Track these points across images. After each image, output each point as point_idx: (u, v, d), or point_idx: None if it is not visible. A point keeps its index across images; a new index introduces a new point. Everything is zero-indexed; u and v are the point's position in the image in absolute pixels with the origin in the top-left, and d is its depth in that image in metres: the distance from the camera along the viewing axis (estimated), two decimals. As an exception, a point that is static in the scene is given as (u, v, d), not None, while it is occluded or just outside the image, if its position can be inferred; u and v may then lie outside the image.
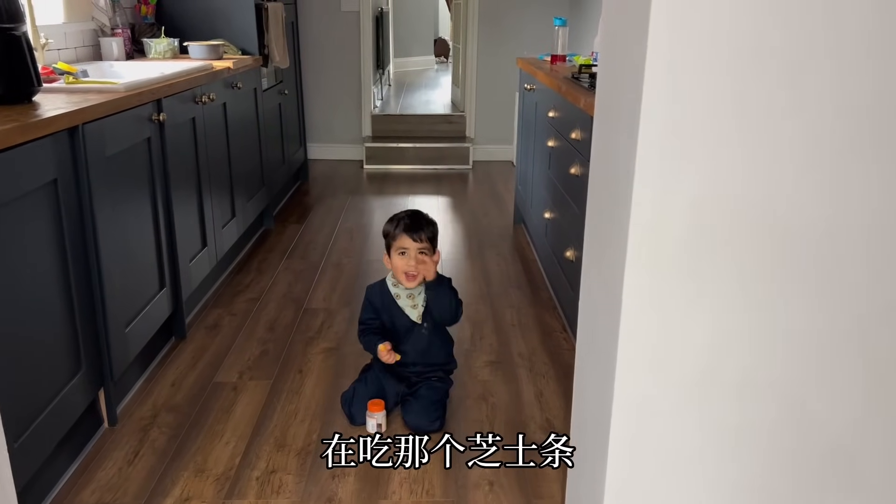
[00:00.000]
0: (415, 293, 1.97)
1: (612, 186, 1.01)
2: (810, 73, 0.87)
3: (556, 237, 2.58)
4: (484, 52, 5.07)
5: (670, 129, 0.88)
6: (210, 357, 2.34)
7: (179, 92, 2.36)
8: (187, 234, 2.45)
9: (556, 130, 2.54)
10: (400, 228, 1.92)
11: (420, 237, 1.89)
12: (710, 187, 0.91)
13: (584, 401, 1.22)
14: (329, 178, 4.75)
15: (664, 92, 0.86)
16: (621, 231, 0.95)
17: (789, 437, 1.03)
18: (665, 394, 1.01)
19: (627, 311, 0.96)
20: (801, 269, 0.95)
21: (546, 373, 2.24)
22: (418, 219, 1.94)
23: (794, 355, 0.99)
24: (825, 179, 0.91)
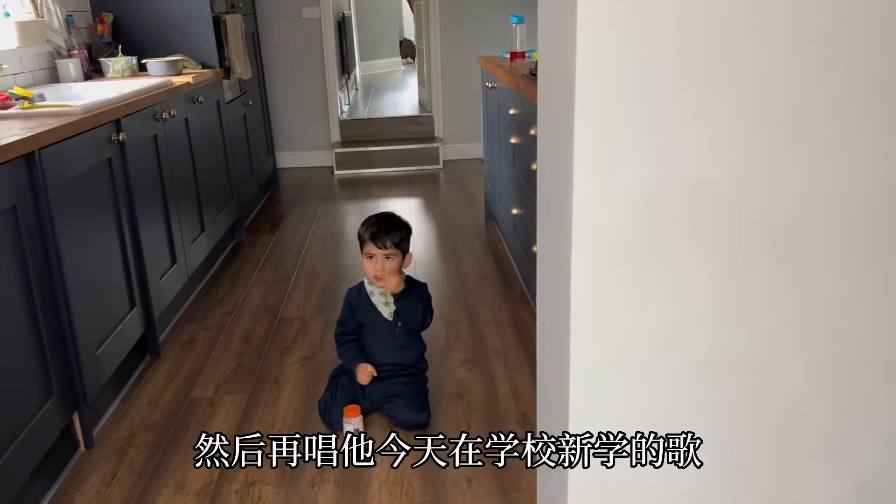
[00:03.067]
0: (387, 292, 1.99)
1: (555, 181, 1.03)
2: (741, 55, 0.89)
3: (524, 232, 2.61)
4: (447, 51, 5.09)
5: (604, 121, 0.91)
6: (185, 373, 2.33)
7: (139, 110, 2.35)
8: (155, 251, 2.44)
9: (518, 127, 2.56)
10: (367, 235, 1.95)
11: (385, 244, 1.93)
12: (646, 176, 0.93)
13: (545, 392, 1.25)
14: (300, 186, 4.74)
15: (596, 86, 0.89)
16: (565, 223, 0.97)
17: (748, 415, 1.06)
18: (620, 380, 1.03)
19: (577, 301, 0.98)
20: (743, 249, 0.98)
21: (520, 367, 2.27)
22: (385, 225, 1.97)
23: (746, 335, 1.02)
24: (764, 159, 0.93)
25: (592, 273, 0.97)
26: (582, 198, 0.93)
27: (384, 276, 1.93)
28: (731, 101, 0.91)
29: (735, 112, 0.92)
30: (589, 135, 0.91)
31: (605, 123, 0.90)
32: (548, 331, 1.19)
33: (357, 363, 1.98)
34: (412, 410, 1.92)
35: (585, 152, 0.91)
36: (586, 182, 0.93)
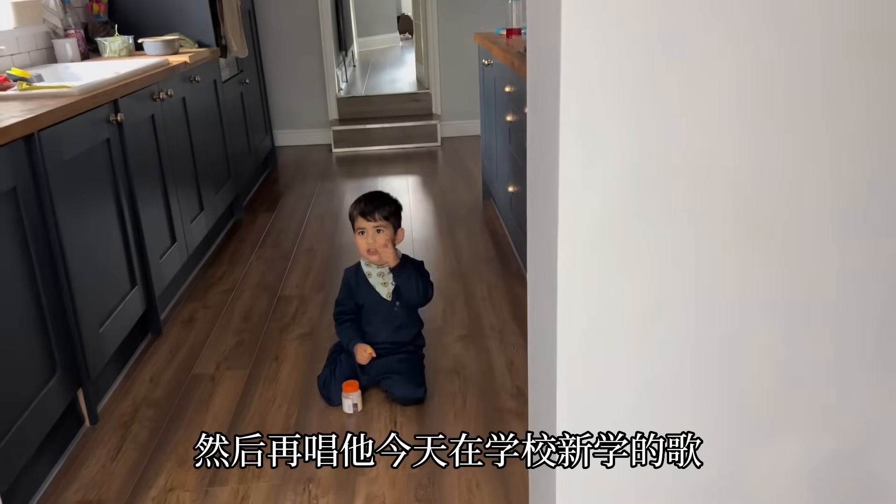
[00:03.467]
0: (385, 272, 2.02)
1: (542, 159, 1.05)
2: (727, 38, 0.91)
3: (520, 210, 2.63)
4: (445, 26, 5.07)
5: (588, 102, 0.93)
6: (187, 351, 2.37)
7: (136, 91, 2.37)
8: (155, 231, 2.47)
9: (513, 105, 2.58)
10: (357, 210, 1.99)
11: (374, 216, 1.97)
12: (630, 155, 0.96)
13: (536, 367, 1.28)
14: (298, 165, 4.76)
15: (580, 67, 0.91)
16: (551, 201, 1.00)
17: (738, 386, 1.10)
18: (609, 357, 1.06)
19: (563, 274, 1.01)
20: (729, 234, 1.00)
21: (516, 343, 2.31)
22: (373, 199, 2.02)
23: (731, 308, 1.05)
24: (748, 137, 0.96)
25: (578, 249, 1.00)
26: (568, 176, 0.96)
27: (376, 248, 1.96)
28: (716, 82, 0.93)
29: (720, 91, 0.94)
30: (574, 115, 0.93)
31: (589, 104, 0.93)
32: (537, 304, 1.23)
33: (355, 343, 2.01)
34: (409, 386, 1.96)
35: (570, 132, 0.94)
36: (571, 161, 0.95)
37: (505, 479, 1.69)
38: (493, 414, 1.94)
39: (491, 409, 1.96)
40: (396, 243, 2.03)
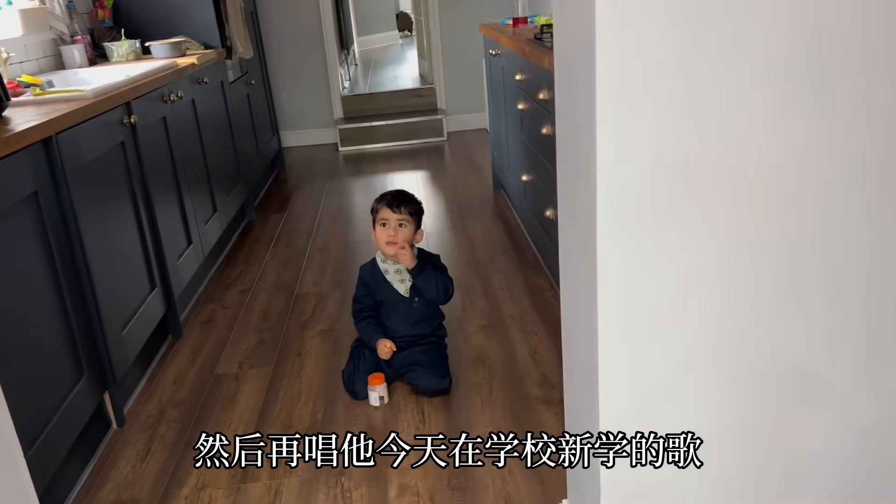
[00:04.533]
0: (402, 268, 2.01)
1: (576, 143, 1.05)
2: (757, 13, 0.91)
3: (534, 198, 2.63)
4: (446, 21, 5.06)
5: (626, 83, 0.92)
6: (208, 351, 2.37)
7: (147, 93, 2.37)
8: (172, 232, 2.47)
9: (525, 93, 2.57)
10: (383, 202, 2.00)
11: (400, 209, 1.97)
12: (667, 136, 0.95)
13: (571, 351, 1.27)
14: (306, 165, 4.75)
15: (616, 49, 0.90)
16: (589, 185, 0.99)
17: (764, 364, 1.09)
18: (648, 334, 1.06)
19: (603, 260, 1.00)
20: (762, 208, 0.99)
21: (538, 331, 2.30)
22: (400, 194, 2.02)
23: (763, 289, 1.04)
24: (780, 112, 0.95)
25: (618, 234, 0.99)
26: (605, 161, 0.95)
27: (396, 241, 1.95)
28: (749, 57, 0.92)
29: (752, 67, 0.93)
30: (609, 98, 0.92)
31: (626, 85, 0.92)
32: (572, 292, 1.22)
33: (377, 339, 2.01)
34: (433, 377, 1.96)
35: (606, 102, 0.93)
36: (608, 140, 0.94)
37: (537, 465, 1.68)
38: (520, 402, 1.94)
39: (518, 396, 1.96)
40: (415, 243, 2.02)
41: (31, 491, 1.24)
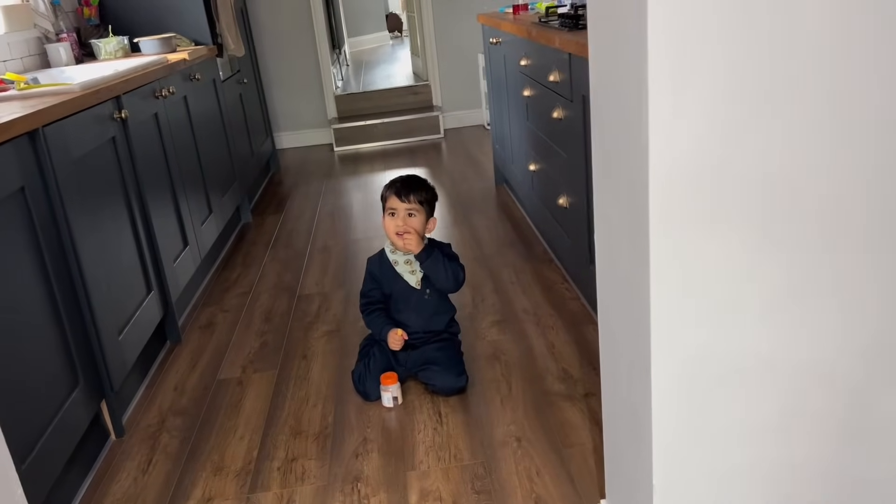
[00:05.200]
0: (412, 258, 1.91)
1: (620, 128, 0.95)
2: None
3: (544, 188, 2.53)
4: (440, 16, 4.97)
5: (679, 35, 0.82)
6: (209, 356, 2.27)
7: (138, 87, 2.26)
8: (167, 233, 2.36)
9: (531, 78, 2.47)
10: (391, 190, 1.89)
11: (409, 198, 1.86)
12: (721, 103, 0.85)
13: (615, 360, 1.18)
14: (301, 166, 4.65)
15: (669, 12, 0.81)
16: (639, 176, 0.89)
17: (817, 377, 0.99)
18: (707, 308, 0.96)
19: (657, 262, 0.90)
20: (818, 218, 0.90)
21: (554, 324, 2.20)
22: (410, 181, 1.92)
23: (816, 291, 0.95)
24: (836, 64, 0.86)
25: (675, 232, 0.89)
26: (659, 114, 0.85)
27: (405, 231, 1.85)
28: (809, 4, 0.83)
29: (813, 16, 0.84)
30: (662, 44, 0.83)
31: (679, 28, 0.82)
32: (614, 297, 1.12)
33: (388, 330, 1.91)
34: (449, 375, 1.85)
35: (660, 59, 0.83)
36: (660, 117, 0.84)
37: (566, 463, 1.59)
38: (541, 398, 1.84)
39: (538, 392, 1.86)
40: (427, 232, 1.93)
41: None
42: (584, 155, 1.94)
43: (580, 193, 2.03)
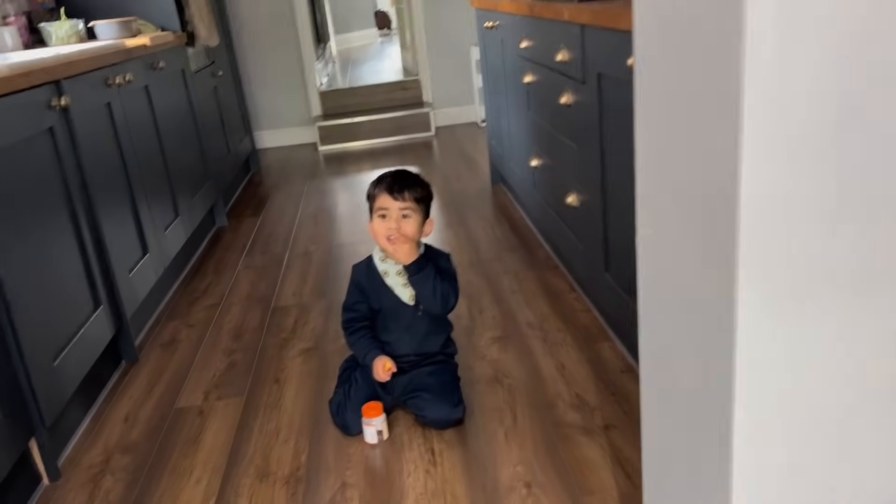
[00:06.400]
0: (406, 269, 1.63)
1: (690, 117, 0.68)
2: None
3: (549, 185, 2.25)
4: (431, 8, 4.69)
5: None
6: (169, 379, 1.98)
7: (85, 72, 1.97)
8: (122, 240, 2.07)
9: (533, 62, 2.20)
10: (381, 187, 1.60)
11: (402, 196, 1.57)
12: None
13: (671, 407, 0.90)
14: (283, 166, 4.36)
15: None
16: (723, 190, 0.62)
17: None
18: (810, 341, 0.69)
19: (747, 228, 0.63)
20: None
21: (563, 340, 1.93)
22: (403, 177, 1.61)
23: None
24: None
25: (775, 179, 0.62)
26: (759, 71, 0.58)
27: (398, 237, 1.57)
28: None
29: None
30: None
31: None
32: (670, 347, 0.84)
33: (373, 356, 1.61)
34: (444, 406, 1.57)
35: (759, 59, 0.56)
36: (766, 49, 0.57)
37: (570, 479, 1.31)
38: (552, 430, 1.56)
39: (549, 424, 1.58)
40: (424, 236, 1.64)
41: None
42: (598, 145, 1.66)
43: (594, 190, 1.75)
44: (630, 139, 0.79)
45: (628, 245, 1.59)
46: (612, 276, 1.73)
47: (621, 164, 1.56)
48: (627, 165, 1.52)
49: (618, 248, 1.67)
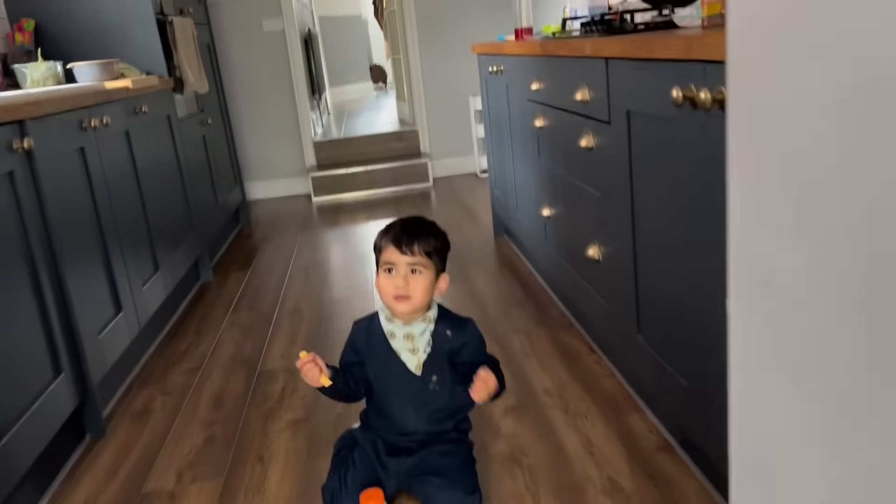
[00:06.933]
0: (415, 332, 1.41)
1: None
2: None
3: (565, 236, 2.06)
4: (427, 57, 4.59)
5: None
6: (137, 457, 1.73)
7: (55, 113, 1.79)
8: (91, 297, 1.86)
9: (546, 104, 2.03)
10: (388, 238, 1.39)
11: (412, 249, 1.36)
12: None
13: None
14: (274, 218, 4.17)
15: None
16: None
17: None
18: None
19: None
20: None
21: (587, 411, 1.70)
22: (414, 226, 1.40)
23: None
24: None
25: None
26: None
27: (407, 295, 1.36)
28: None
29: None
30: None
31: None
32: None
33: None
34: (457, 493, 1.33)
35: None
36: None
37: None
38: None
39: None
40: (437, 293, 1.43)
41: None
42: (628, 191, 1.48)
43: (622, 241, 1.56)
44: (667, 183, 0.60)
45: (666, 302, 1.40)
46: (644, 338, 1.53)
47: (656, 210, 1.37)
48: (664, 212, 1.35)
49: (652, 305, 1.47)
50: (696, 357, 1.27)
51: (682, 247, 1.28)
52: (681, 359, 1.35)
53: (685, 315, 1.30)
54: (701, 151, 1.12)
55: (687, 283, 1.27)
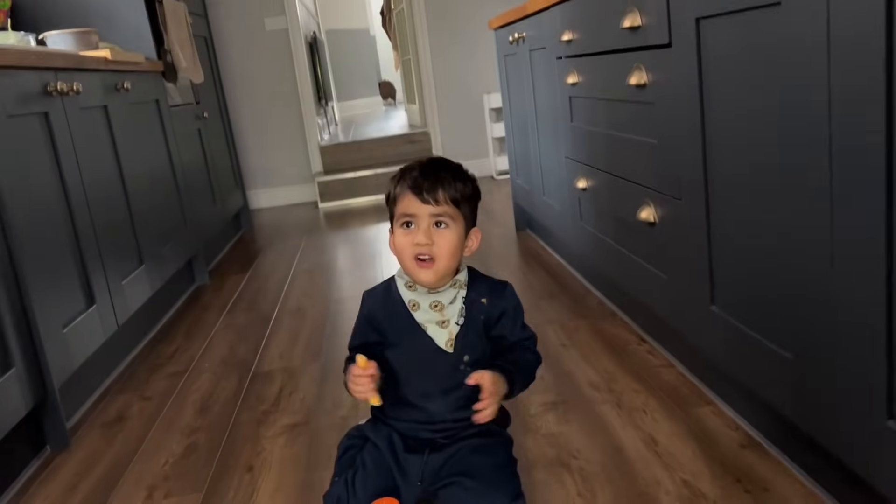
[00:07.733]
0: (444, 300, 1.11)
1: None
2: None
3: (606, 205, 1.77)
4: (439, 55, 4.35)
5: None
6: (104, 470, 1.44)
7: (12, 67, 1.54)
8: (53, 285, 1.58)
9: (581, 55, 1.76)
10: (405, 184, 1.06)
11: (435, 197, 1.04)
12: None
13: None
14: (278, 224, 3.90)
15: None
16: None
17: None
18: None
19: None
20: None
21: (644, 405, 1.40)
22: (437, 168, 1.08)
23: None
24: None
25: None
26: None
27: (430, 256, 1.07)
28: None
29: None
30: None
31: None
32: None
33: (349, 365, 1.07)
34: (496, 499, 1.02)
35: None
36: None
37: None
38: (660, 539, 1.02)
39: (653, 529, 1.04)
40: (468, 252, 1.14)
41: None
42: (699, 127, 1.19)
43: (689, 193, 1.27)
44: (758, 106, 0.34)
45: (754, 260, 1.10)
46: (721, 308, 1.23)
47: (738, 148, 1.08)
48: (753, 147, 1.03)
49: (733, 266, 1.18)
50: (804, 321, 0.98)
51: (777, 190, 0.99)
52: (778, 327, 1.05)
53: (782, 272, 1.01)
54: (815, 38, 0.84)
55: (789, 234, 0.98)
